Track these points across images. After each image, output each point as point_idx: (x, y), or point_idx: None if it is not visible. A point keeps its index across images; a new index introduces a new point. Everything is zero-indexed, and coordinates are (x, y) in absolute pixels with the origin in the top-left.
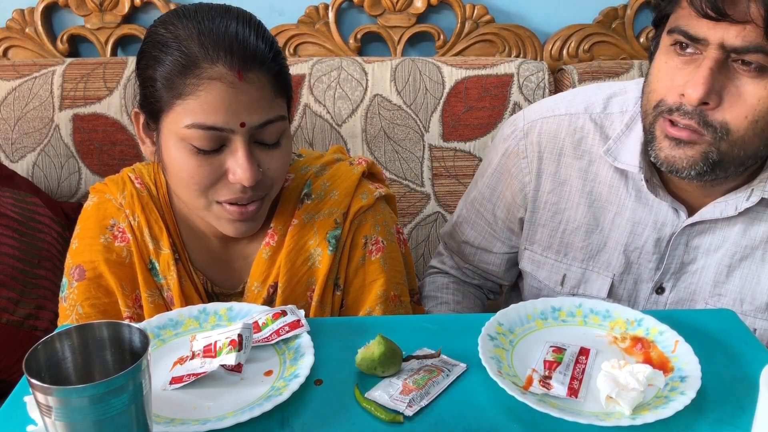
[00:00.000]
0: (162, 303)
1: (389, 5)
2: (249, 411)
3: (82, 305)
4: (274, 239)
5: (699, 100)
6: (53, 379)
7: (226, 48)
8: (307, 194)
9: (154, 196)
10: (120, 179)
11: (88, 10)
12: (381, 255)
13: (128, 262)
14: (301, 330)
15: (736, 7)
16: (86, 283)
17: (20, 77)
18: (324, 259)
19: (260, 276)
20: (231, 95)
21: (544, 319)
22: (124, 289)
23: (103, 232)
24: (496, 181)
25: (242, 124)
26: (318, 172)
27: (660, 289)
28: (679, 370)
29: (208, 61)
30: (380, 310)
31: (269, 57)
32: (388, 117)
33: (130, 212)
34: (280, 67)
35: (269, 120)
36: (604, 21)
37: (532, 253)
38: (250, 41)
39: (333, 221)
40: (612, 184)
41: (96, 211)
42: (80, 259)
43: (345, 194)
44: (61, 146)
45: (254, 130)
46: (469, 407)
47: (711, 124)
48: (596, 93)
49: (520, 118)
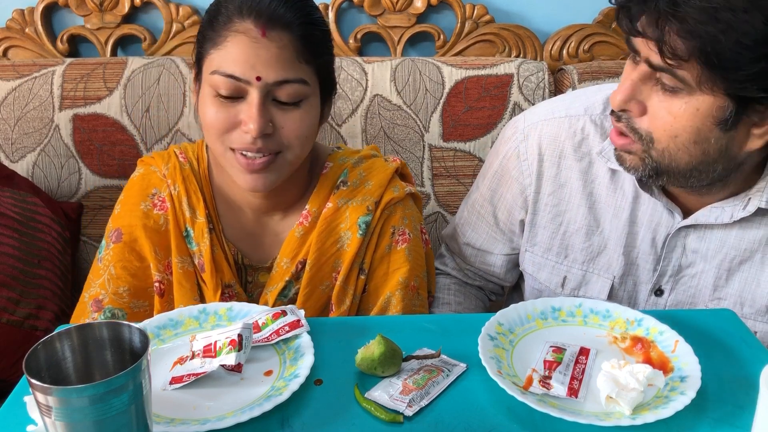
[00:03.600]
0: (192, 270)
1: (389, 5)
2: (249, 411)
3: (115, 266)
4: (308, 220)
5: (618, 107)
6: (53, 379)
7: (256, 7)
8: (343, 181)
9: (195, 169)
10: (166, 153)
11: (88, 10)
12: (407, 246)
13: (164, 229)
14: (301, 330)
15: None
16: (122, 246)
17: (20, 77)
18: (353, 243)
19: (291, 252)
20: (252, 49)
21: (544, 319)
22: (158, 254)
23: (144, 199)
24: (496, 183)
25: (258, 78)
26: (355, 164)
27: (659, 291)
28: (679, 370)
29: (238, 17)
30: (399, 296)
31: (296, 21)
32: (388, 117)
33: (171, 182)
34: (309, 33)
35: (286, 79)
36: (604, 21)
37: (532, 255)
38: (280, 5)
39: (365, 208)
40: (610, 185)
41: (141, 180)
42: (120, 222)
43: (379, 185)
44: (61, 146)
45: (270, 86)
46: (469, 407)
47: (637, 131)
48: (596, 94)
49: (520, 120)
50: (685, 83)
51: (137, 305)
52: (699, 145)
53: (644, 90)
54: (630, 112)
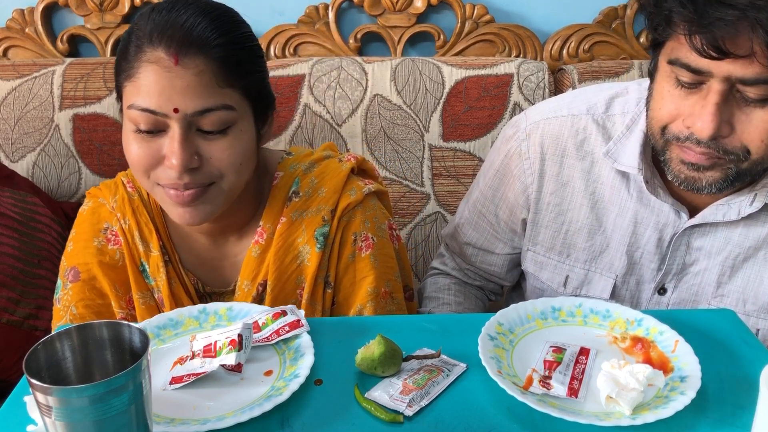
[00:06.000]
0: (154, 304)
1: (389, 5)
2: (249, 411)
3: (76, 306)
4: (263, 237)
5: (710, 137)
6: (53, 379)
7: (168, 33)
8: (295, 192)
9: (144, 199)
10: (113, 183)
11: (88, 10)
12: (371, 252)
13: (121, 264)
14: (301, 330)
15: (737, 44)
16: (80, 285)
17: (20, 77)
18: (312, 257)
19: (250, 274)
20: (166, 79)
21: (544, 318)
22: (118, 291)
23: (96, 235)
24: (498, 182)
25: (175, 109)
26: (306, 170)
27: (662, 289)
28: (679, 370)
29: (149, 45)
30: (371, 307)
31: (213, 43)
32: (388, 117)
33: (121, 215)
34: (230, 55)
35: (207, 108)
36: (604, 21)
37: (534, 254)
38: (194, 27)
39: (321, 219)
40: (614, 185)
41: (90, 215)
42: (75, 261)
43: (333, 191)
44: (61, 146)
45: (191, 117)
46: (469, 407)
47: (730, 151)
48: (598, 94)
49: (522, 119)
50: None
51: None
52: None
53: (726, 109)
54: (721, 136)
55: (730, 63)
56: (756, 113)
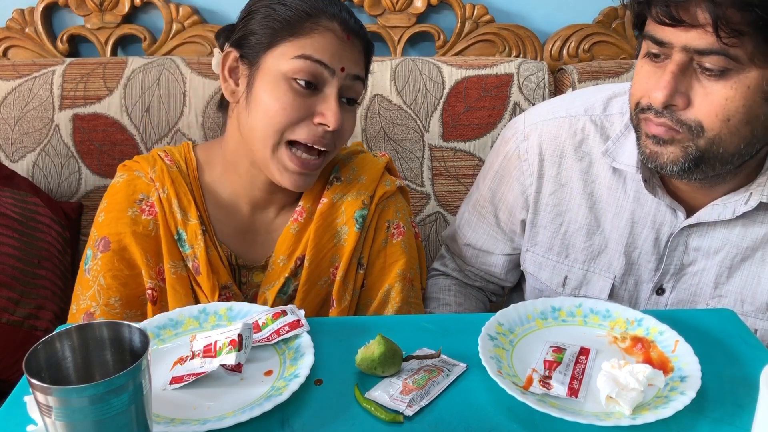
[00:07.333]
0: (185, 274)
1: (389, 5)
2: (249, 411)
3: (104, 276)
4: (302, 216)
5: (662, 103)
6: (53, 379)
7: (340, 16)
8: (336, 177)
9: (183, 171)
10: (150, 157)
11: (88, 10)
12: (402, 239)
13: (154, 234)
14: (301, 330)
15: (688, 12)
16: (110, 255)
17: (20, 77)
18: (350, 237)
19: (287, 250)
20: (339, 45)
21: (544, 318)
22: (149, 260)
23: (131, 205)
24: (497, 183)
25: (342, 68)
26: (345, 159)
27: (660, 290)
28: (679, 370)
29: (327, 17)
30: (398, 287)
31: (365, 37)
32: (388, 117)
33: (160, 185)
34: (369, 49)
35: (359, 76)
36: (604, 21)
37: (533, 254)
38: (354, 20)
39: (361, 202)
40: (611, 185)
41: (126, 186)
42: (106, 231)
43: (372, 180)
44: (61, 146)
45: (347, 80)
46: (469, 407)
47: (685, 122)
48: (596, 94)
49: (520, 120)
50: (738, 61)
51: (129, 315)
52: (749, 125)
53: (684, 81)
54: (675, 106)
55: (686, 32)
56: (713, 87)
